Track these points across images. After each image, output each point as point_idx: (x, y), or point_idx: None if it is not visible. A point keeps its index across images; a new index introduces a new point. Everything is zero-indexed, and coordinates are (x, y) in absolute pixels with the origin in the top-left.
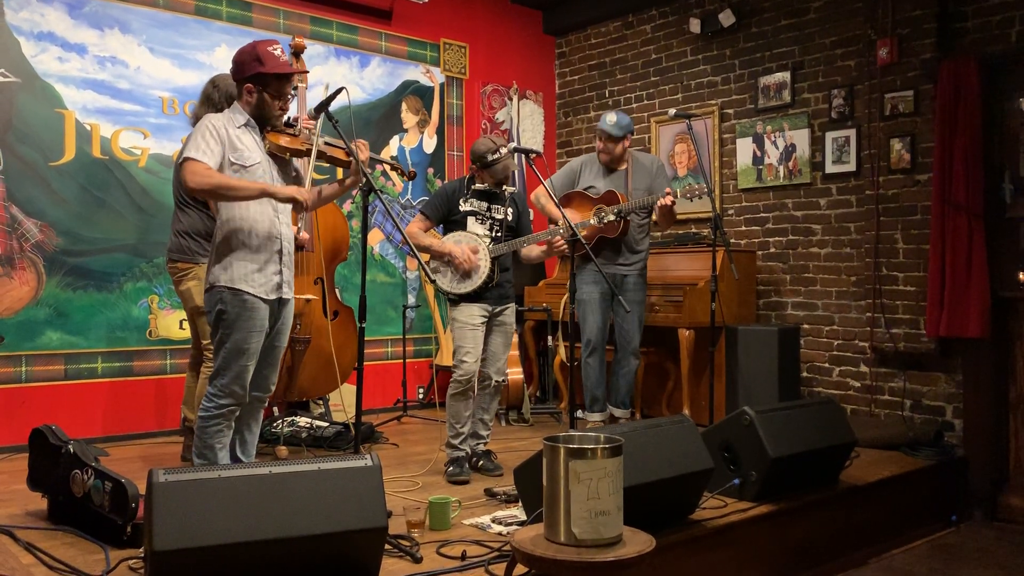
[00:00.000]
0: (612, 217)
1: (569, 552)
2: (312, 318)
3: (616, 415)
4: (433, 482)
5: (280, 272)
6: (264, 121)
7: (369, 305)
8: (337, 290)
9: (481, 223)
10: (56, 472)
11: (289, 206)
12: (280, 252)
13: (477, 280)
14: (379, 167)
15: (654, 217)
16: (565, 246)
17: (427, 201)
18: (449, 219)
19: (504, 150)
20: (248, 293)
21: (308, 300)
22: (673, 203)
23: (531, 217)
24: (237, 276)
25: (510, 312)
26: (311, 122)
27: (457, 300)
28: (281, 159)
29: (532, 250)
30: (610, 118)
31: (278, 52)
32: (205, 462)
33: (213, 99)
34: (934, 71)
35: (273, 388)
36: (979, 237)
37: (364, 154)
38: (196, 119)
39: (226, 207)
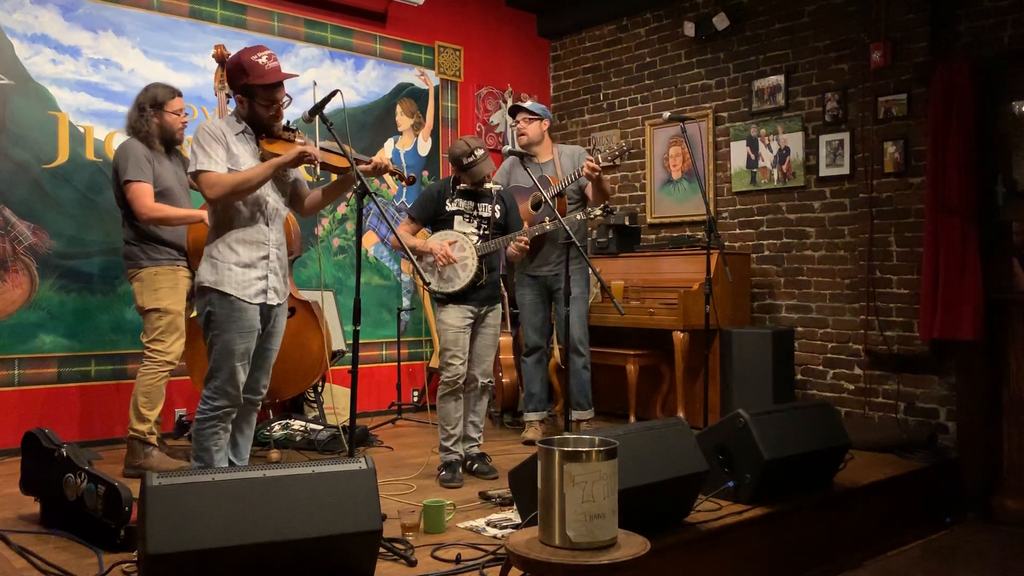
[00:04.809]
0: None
1: (564, 555)
2: None
3: (574, 418)
4: (428, 485)
5: (265, 278)
6: (260, 128)
7: (364, 308)
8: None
9: (468, 222)
10: (49, 476)
11: (283, 212)
12: (267, 258)
13: (465, 279)
14: None
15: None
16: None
17: (413, 203)
18: (436, 220)
19: (480, 151)
20: (234, 296)
21: None
22: (597, 167)
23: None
24: (224, 279)
25: (496, 314)
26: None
27: (444, 301)
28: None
29: (512, 248)
30: (529, 102)
31: (263, 60)
32: (202, 464)
33: (137, 126)
34: (927, 74)
35: (264, 392)
36: (972, 239)
37: (378, 160)
38: (132, 131)
39: (218, 212)
